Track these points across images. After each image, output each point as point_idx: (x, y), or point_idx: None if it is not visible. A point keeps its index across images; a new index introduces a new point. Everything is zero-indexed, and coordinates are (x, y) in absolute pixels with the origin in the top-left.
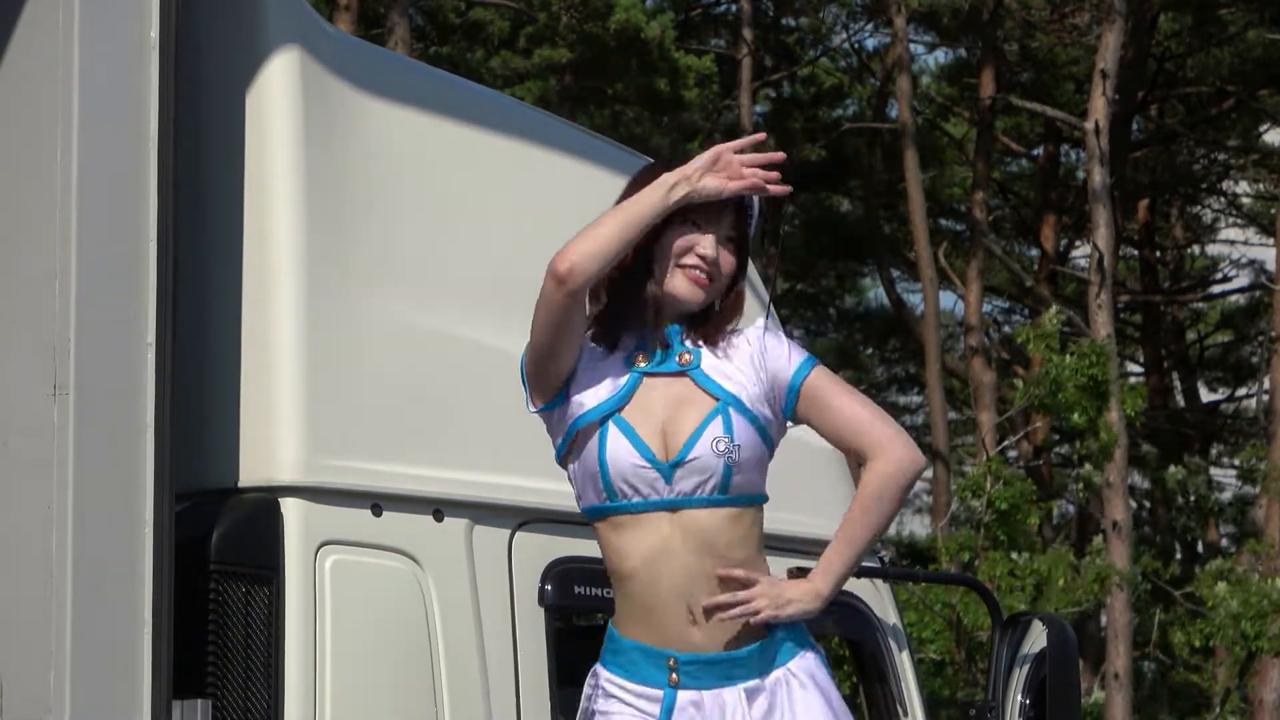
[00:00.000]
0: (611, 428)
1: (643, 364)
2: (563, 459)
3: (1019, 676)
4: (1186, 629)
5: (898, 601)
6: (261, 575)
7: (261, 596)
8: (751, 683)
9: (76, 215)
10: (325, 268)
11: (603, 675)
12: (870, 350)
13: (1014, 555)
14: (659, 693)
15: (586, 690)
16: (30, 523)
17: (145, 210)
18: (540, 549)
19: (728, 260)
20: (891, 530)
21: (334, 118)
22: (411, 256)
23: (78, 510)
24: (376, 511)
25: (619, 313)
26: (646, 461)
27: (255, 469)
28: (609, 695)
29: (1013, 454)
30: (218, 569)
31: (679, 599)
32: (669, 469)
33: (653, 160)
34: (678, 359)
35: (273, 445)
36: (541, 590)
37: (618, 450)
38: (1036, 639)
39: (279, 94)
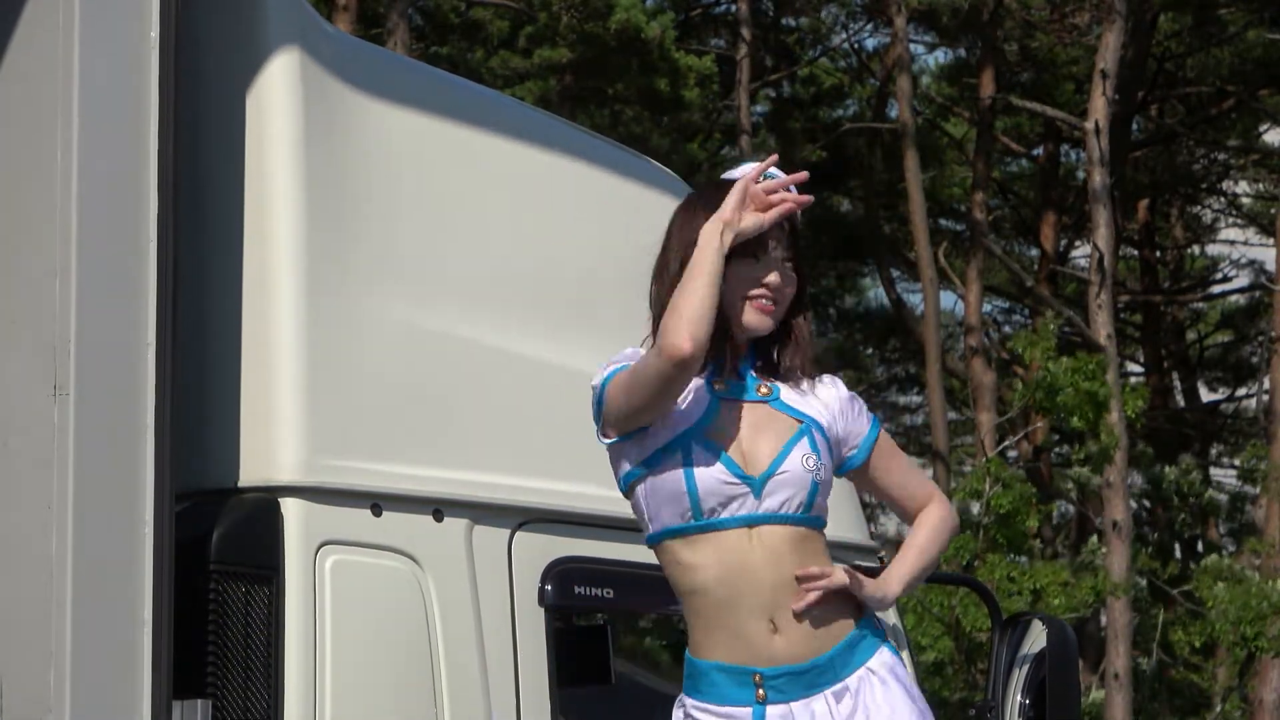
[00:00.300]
0: (695, 448)
1: (720, 389)
2: (631, 484)
3: (1019, 676)
4: (1187, 629)
5: (898, 602)
6: (261, 575)
7: (261, 596)
8: (837, 686)
9: (76, 215)
10: (325, 267)
11: (688, 704)
12: (870, 350)
13: (1012, 559)
14: (746, 711)
15: None
16: (30, 523)
17: (145, 210)
18: (540, 549)
19: (790, 280)
20: (892, 530)
21: (334, 118)
22: (411, 256)
23: (78, 510)
24: (376, 511)
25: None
26: (735, 477)
27: (255, 469)
28: None
29: (1013, 454)
30: (218, 569)
31: (761, 612)
32: (759, 484)
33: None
34: (757, 390)
35: (273, 445)
36: (541, 590)
37: (705, 468)
38: (1036, 639)
39: (279, 94)
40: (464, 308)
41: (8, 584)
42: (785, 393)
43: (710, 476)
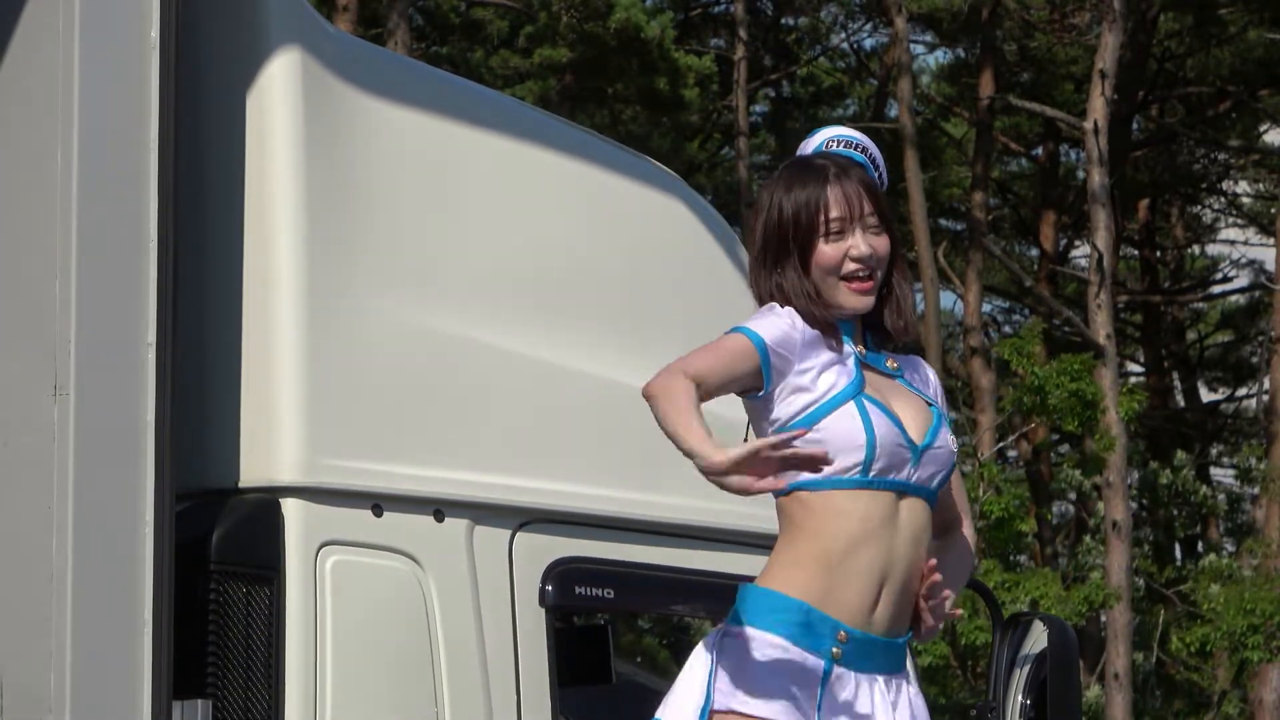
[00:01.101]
0: (870, 406)
1: (861, 354)
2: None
3: (1019, 677)
4: (1185, 630)
5: None
6: (262, 575)
7: (262, 597)
8: (893, 675)
9: (76, 215)
10: (326, 267)
11: (758, 637)
12: None
13: (1007, 564)
14: (820, 662)
15: (709, 655)
16: (30, 523)
17: (145, 210)
18: (541, 549)
19: (881, 244)
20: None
21: (335, 118)
22: (412, 256)
23: (78, 510)
24: (377, 511)
25: (814, 321)
26: (905, 442)
27: (256, 469)
28: (763, 657)
29: (1012, 454)
30: (218, 569)
31: (874, 577)
32: (918, 453)
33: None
34: (888, 363)
35: (273, 445)
36: (542, 590)
37: (883, 427)
38: (1037, 639)
39: (279, 94)
40: (465, 308)
41: (8, 584)
42: (908, 373)
43: (888, 436)
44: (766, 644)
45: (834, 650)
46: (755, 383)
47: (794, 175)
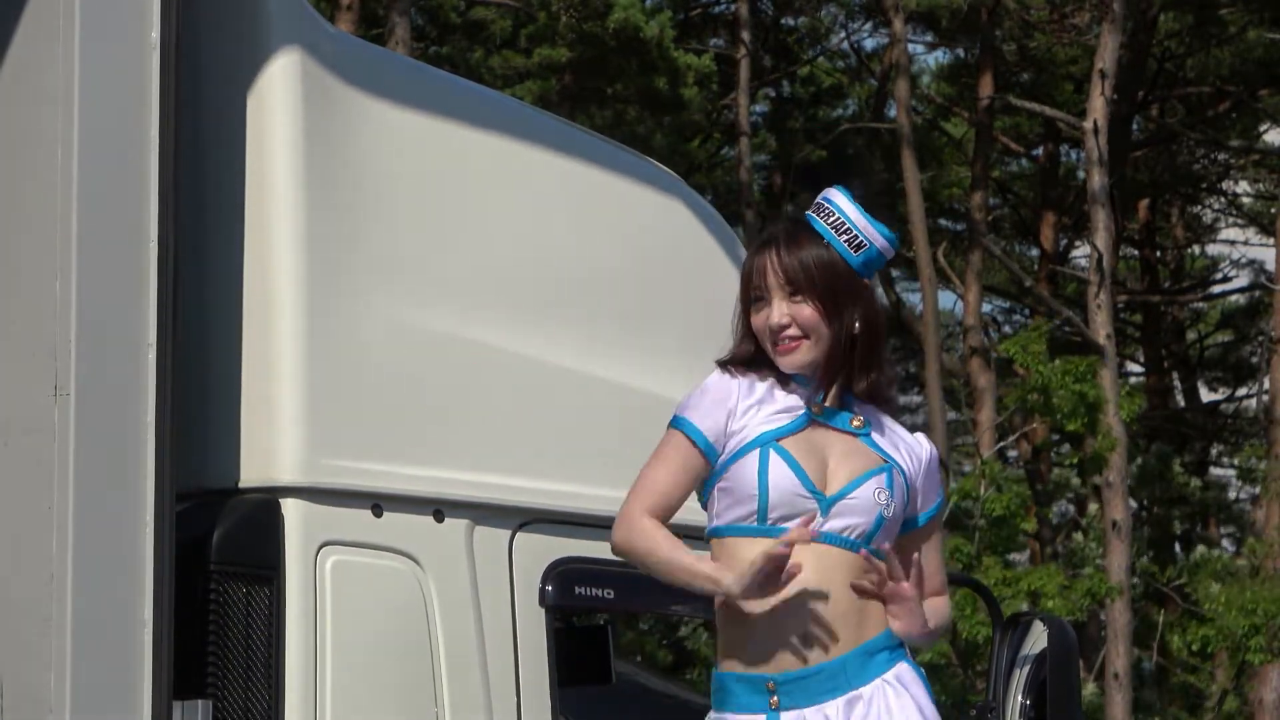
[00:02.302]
0: (773, 454)
1: (816, 412)
2: (708, 488)
3: (1019, 677)
4: (1185, 631)
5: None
6: (262, 575)
7: (262, 597)
8: (853, 693)
9: (76, 215)
10: (326, 267)
11: (711, 718)
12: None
13: (1007, 562)
14: (761, 717)
15: None
16: (30, 523)
17: (145, 210)
18: (541, 549)
19: (801, 313)
20: None
21: (335, 118)
22: (412, 256)
23: (78, 510)
24: (377, 512)
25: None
26: (807, 491)
27: (256, 469)
28: None
29: (1012, 454)
30: (218, 569)
31: (785, 622)
32: (828, 503)
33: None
34: (851, 421)
35: (273, 445)
36: (542, 591)
37: (779, 475)
38: (1037, 639)
39: (280, 94)
40: (464, 308)
41: (8, 584)
42: (876, 434)
43: (785, 485)
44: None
45: (771, 700)
46: (708, 467)
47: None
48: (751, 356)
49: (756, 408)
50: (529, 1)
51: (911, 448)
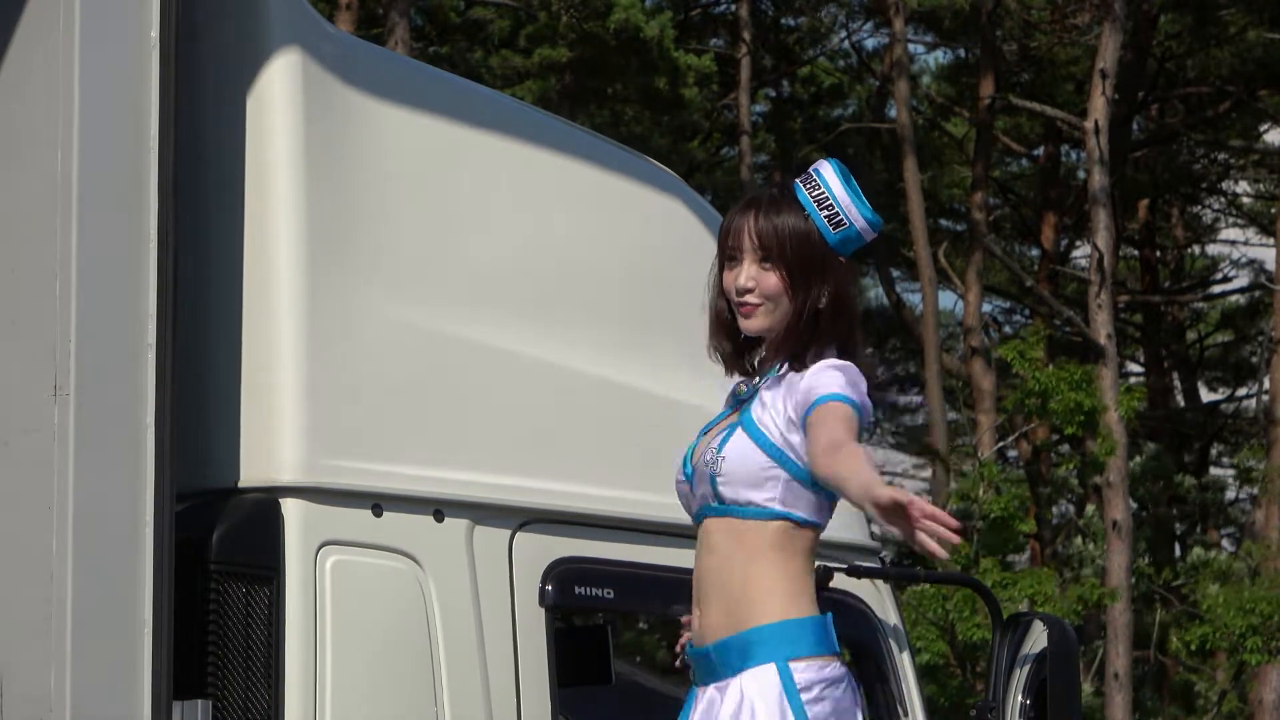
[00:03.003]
0: (685, 451)
1: (740, 392)
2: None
3: (1019, 677)
4: (1184, 630)
5: (898, 602)
6: (262, 575)
7: (262, 597)
8: (720, 682)
9: (76, 215)
10: (325, 267)
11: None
12: (870, 350)
13: (1006, 564)
14: (695, 690)
15: None
16: (30, 523)
17: (145, 210)
18: (541, 549)
19: (768, 280)
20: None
21: (335, 118)
22: (412, 256)
23: (78, 510)
24: (377, 511)
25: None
26: (684, 476)
27: (255, 469)
28: None
29: (1012, 454)
30: (218, 569)
31: (696, 596)
32: (691, 477)
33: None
34: (754, 382)
35: (273, 445)
36: (542, 590)
37: (678, 471)
38: (1037, 639)
39: (280, 94)
40: (465, 308)
41: (8, 584)
42: (766, 386)
43: (678, 475)
44: None
45: (691, 674)
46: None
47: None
48: (725, 311)
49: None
50: (529, 1)
51: (789, 383)
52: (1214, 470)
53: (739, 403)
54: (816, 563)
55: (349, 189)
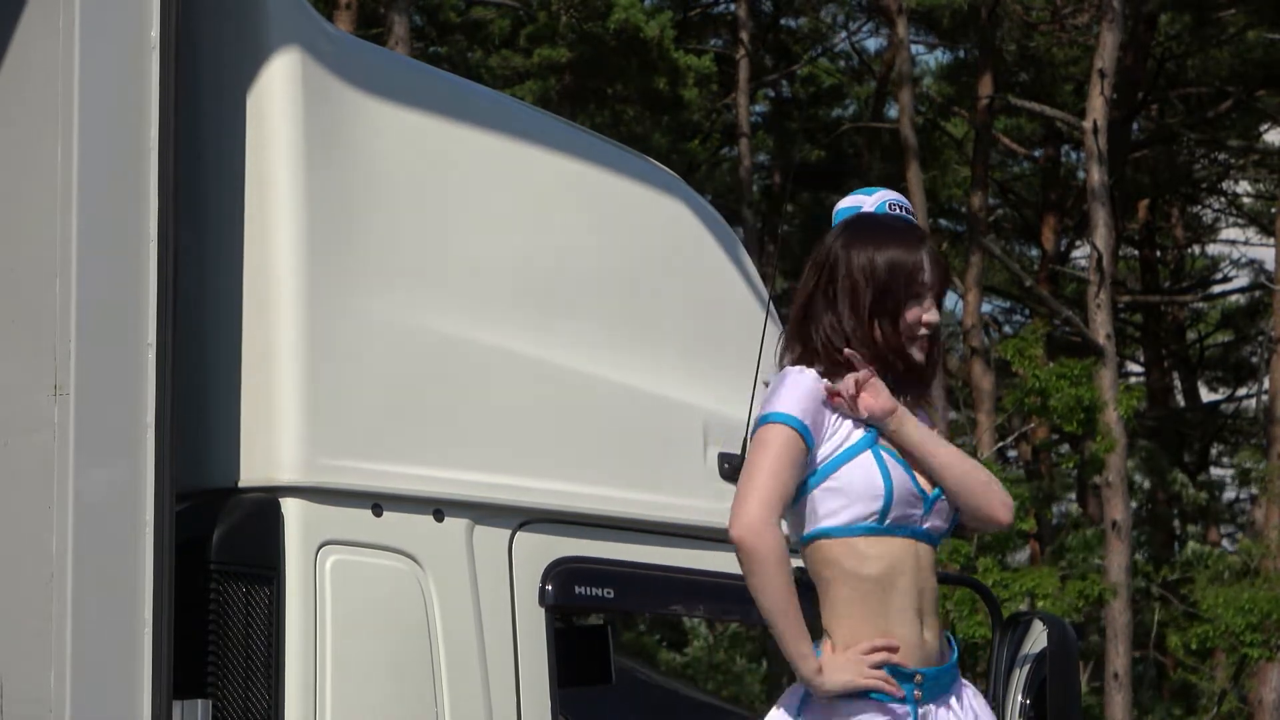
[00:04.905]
0: (886, 456)
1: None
2: (805, 489)
3: (1019, 677)
4: (1184, 631)
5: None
6: (262, 575)
7: (262, 596)
8: (955, 689)
9: (76, 215)
10: (326, 268)
11: (845, 705)
12: None
13: (1004, 564)
14: (905, 709)
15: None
16: (30, 523)
17: (145, 210)
18: (541, 549)
19: (937, 318)
20: None
21: (335, 118)
22: (411, 256)
23: (78, 510)
24: (377, 511)
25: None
26: (919, 492)
27: (255, 469)
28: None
29: (1012, 454)
30: (218, 569)
31: (913, 613)
32: (930, 503)
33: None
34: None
35: (273, 445)
36: (542, 590)
37: (898, 476)
38: (1037, 639)
39: (279, 94)
40: (465, 307)
41: (8, 584)
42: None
43: (903, 485)
44: (856, 708)
45: (916, 694)
46: (807, 464)
47: (884, 234)
48: (898, 349)
49: (829, 406)
50: (529, 1)
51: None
52: (1214, 470)
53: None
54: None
55: (349, 188)
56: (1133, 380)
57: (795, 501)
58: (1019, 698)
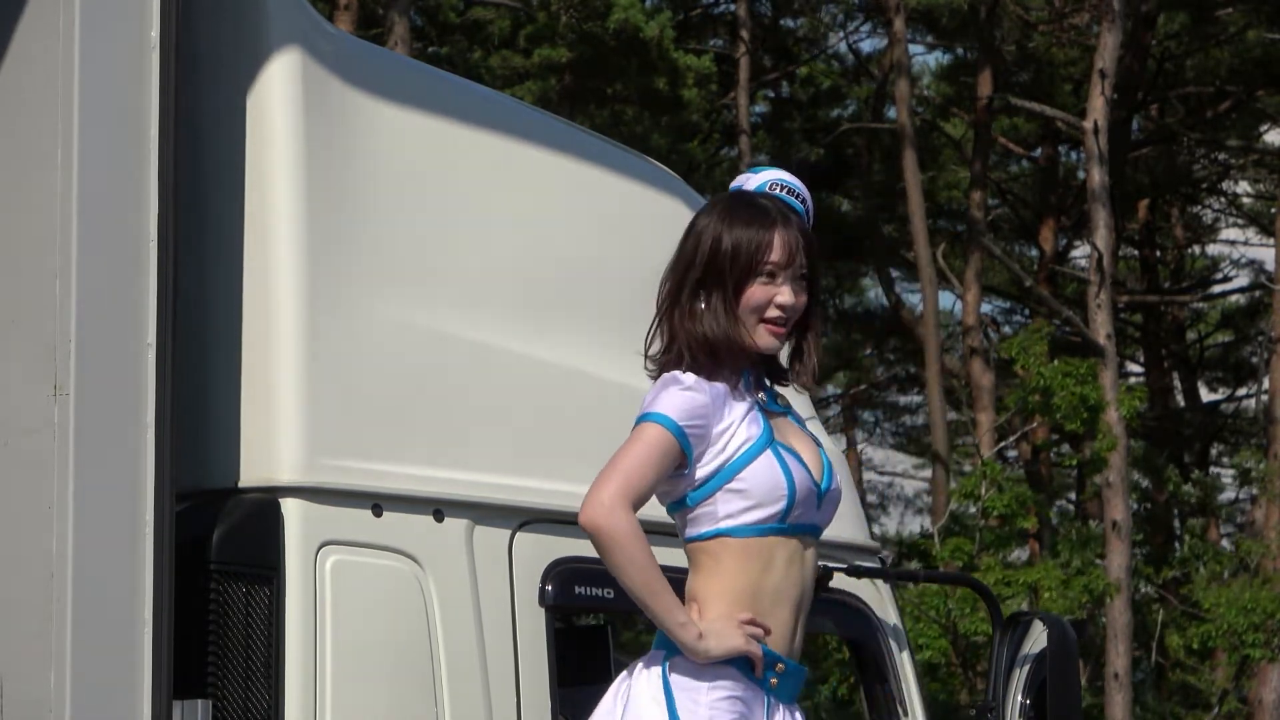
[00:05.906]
0: (785, 454)
1: (762, 399)
2: (705, 493)
3: (1019, 677)
4: (1185, 632)
5: (898, 602)
6: (262, 575)
7: (262, 596)
8: (795, 702)
9: (76, 215)
10: (325, 267)
11: (711, 672)
12: (869, 350)
13: (1007, 563)
14: (762, 694)
15: (661, 693)
16: (30, 523)
17: (145, 210)
18: (541, 549)
19: (802, 299)
20: (892, 530)
21: (335, 118)
22: (412, 256)
23: (78, 510)
24: (377, 511)
25: (720, 362)
26: (814, 486)
27: (255, 469)
28: (721, 694)
29: (1012, 454)
30: (218, 569)
31: (792, 609)
32: (821, 495)
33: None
34: (776, 400)
35: (273, 445)
36: (542, 590)
37: (800, 475)
38: (1037, 639)
39: (279, 94)
40: (464, 307)
41: (8, 584)
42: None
43: (804, 483)
44: (721, 680)
45: (772, 681)
46: (681, 464)
47: (737, 211)
48: (733, 333)
49: (729, 413)
50: (529, 2)
51: (801, 411)
52: (1214, 470)
53: (774, 415)
54: (820, 563)
55: (349, 189)
56: (1133, 380)
57: (694, 503)
58: (1019, 698)
